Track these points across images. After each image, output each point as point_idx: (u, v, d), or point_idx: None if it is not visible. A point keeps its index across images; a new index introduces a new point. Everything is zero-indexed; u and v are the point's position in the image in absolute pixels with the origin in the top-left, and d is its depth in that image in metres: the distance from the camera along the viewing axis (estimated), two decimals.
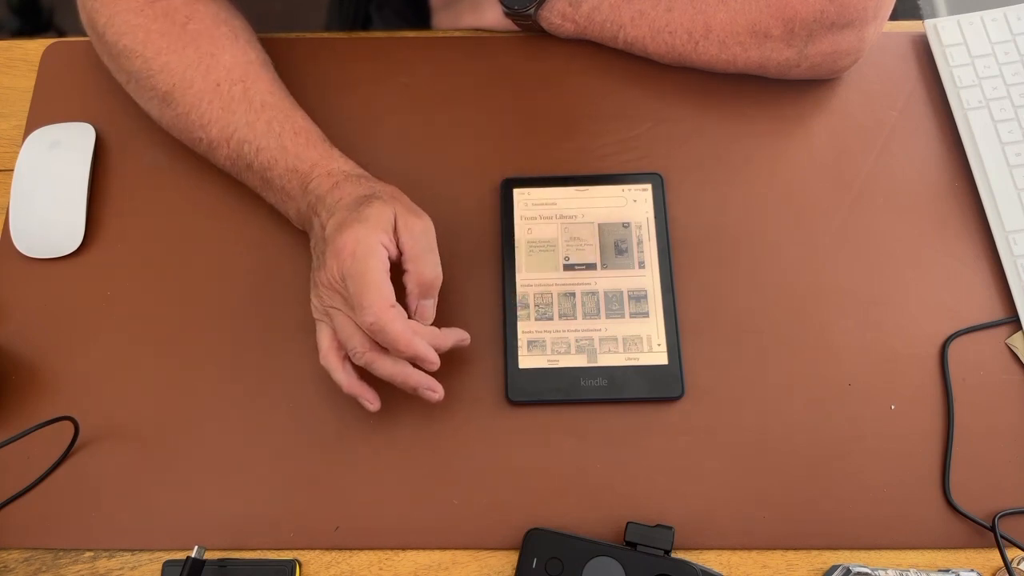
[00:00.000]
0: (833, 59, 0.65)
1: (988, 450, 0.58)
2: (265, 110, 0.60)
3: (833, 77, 0.68)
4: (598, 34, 0.69)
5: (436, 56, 0.71)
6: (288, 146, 0.59)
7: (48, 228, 0.65)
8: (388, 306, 0.52)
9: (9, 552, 0.57)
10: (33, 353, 0.62)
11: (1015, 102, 0.66)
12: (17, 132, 0.70)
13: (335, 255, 0.53)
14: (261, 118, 0.60)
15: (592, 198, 0.65)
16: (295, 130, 0.60)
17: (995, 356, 0.60)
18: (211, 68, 0.61)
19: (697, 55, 0.66)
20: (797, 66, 0.65)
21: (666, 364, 0.60)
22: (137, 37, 0.61)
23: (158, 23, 0.61)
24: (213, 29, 0.62)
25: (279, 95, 0.62)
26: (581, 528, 0.55)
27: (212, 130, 0.61)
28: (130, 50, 0.61)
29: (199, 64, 0.61)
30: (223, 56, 0.61)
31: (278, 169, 0.59)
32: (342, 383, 0.55)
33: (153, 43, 0.61)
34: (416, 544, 0.56)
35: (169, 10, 0.62)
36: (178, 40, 0.61)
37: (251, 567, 0.55)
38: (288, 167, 0.59)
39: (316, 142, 0.60)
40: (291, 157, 0.59)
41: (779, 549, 0.56)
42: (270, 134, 0.60)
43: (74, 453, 0.59)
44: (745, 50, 0.65)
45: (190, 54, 0.61)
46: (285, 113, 0.61)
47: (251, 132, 0.60)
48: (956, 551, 0.56)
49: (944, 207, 0.65)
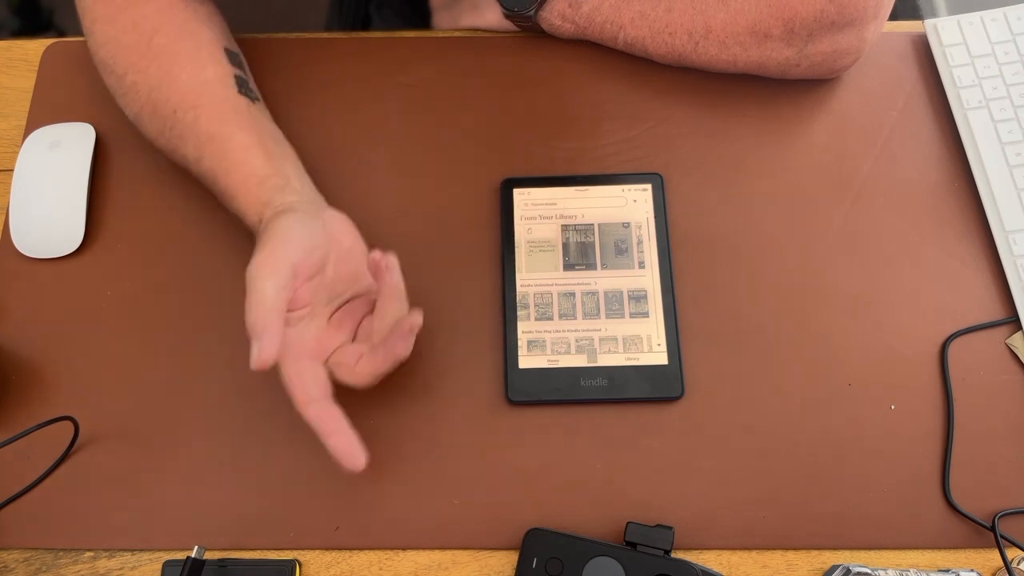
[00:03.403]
0: (833, 59, 0.65)
1: (988, 450, 0.58)
2: (209, 144, 0.58)
3: (833, 76, 0.68)
4: (598, 35, 0.69)
5: (436, 56, 0.71)
6: (222, 191, 0.58)
7: (48, 228, 0.65)
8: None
9: (9, 552, 0.57)
10: (33, 353, 0.62)
11: (1015, 102, 0.66)
12: (17, 132, 0.70)
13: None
14: (205, 154, 0.58)
15: (592, 198, 0.65)
16: (227, 170, 0.57)
17: (995, 356, 0.60)
18: (171, 92, 0.59)
19: (697, 55, 0.66)
20: (797, 66, 0.65)
21: (666, 364, 0.60)
22: (109, 51, 0.60)
23: (127, 35, 0.60)
24: (177, 42, 0.60)
25: (225, 121, 0.59)
26: (581, 528, 0.55)
27: (177, 155, 0.60)
28: (104, 64, 0.61)
29: (160, 86, 0.59)
30: (181, 76, 0.59)
31: (231, 210, 0.58)
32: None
33: (123, 59, 0.60)
34: (416, 544, 0.56)
35: (139, 20, 0.60)
36: (143, 58, 0.59)
37: (251, 567, 0.55)
38: (235, 210, 0.58)
39: (243, 181, 0.57)
40: (228, 200, 0.58)
41: (779, 549, 0.56)
42: (211, 175, 0.58)
43: (74, 453, 0.59)
44: (745, 50, 0.65)
45: (153, 74, 0.59)
46: (224, 149, 0.58)
47: (199, 168, 0.59)
48: (956, 551, 0.56)
49: (944, 207, 0.65)
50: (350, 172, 0.62)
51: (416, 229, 0.64)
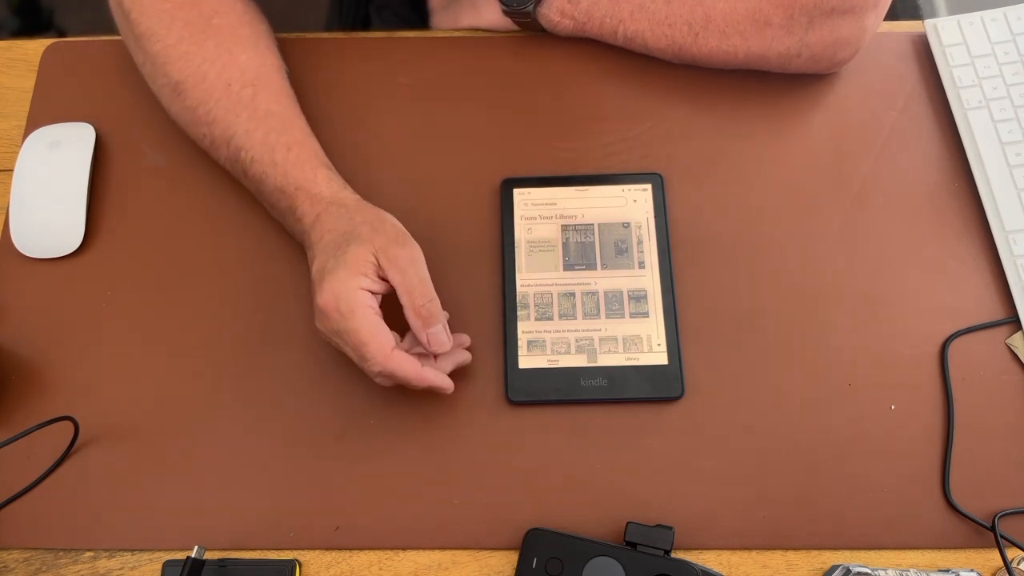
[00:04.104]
0: (833, 49, 0.65)
1: (988, 450, 0.58)
2: (267, 119, 0.60)
3: (833, 71, 0.68)
4: (597, 30, 0.68)
5: (436, 56, 0.71)
6: (279, 162, 0.59)
7: (48, 228, 0.65)
8: (389, 353, 0.52)
9: (9, 552, 0.57)
10: (33, 353, 0.62)
11: (1015, 102, 0.66)
12: (17, 132, 0.70)
13: (322, 314, 0.53)
14: (261, 128, 0.60)
15: (592, 198, 0.65)
16: (288, 145, 0.60)
17: (995, 356, 0.60)
18: (226, 66, 0.61)
19: (697, 47, 0.66)
20: (798, 56, 0.65)
21: (666, 364, 0.60)
22: (162, 21, 0.61)
23: (184, 11, 0.62)
24: (237, 28, 0.63)
25: (285, 104, 0.62)
26: (581, 528, 0.55)
27: (215, 128, 0.61)
28: (152, 32, 0.62)
29: (216, 59, 0.61)
30: (241, 56, 0.61)
31: (268, 185, 0.60)
32: (411, 377, 0.54)
33: (176, 30, 0.61)
34: (416, 544, 0.56)
35: (197, 1, 0.62)
36: (201, 32, 0.61)
37: (251, 567, 0.55)
38: (276, 186, 0.59)
39: (306, 160, 0.60)
40: (280, 175, 0.59)
41: (779, 549, 0.56)
42: (265, 146, 0.60)
43: (74, 453, 0.59)
44: (745, 40, 0.65)
45: (209, 48, 0.61)
46: (284, 125, 0.61)
47: (248, 141, 0.60)
48: (956, 551, 0.56)
49: (944, 207, 0.65)
50: (350, 172, 0.62)
51: (416, 229, 0.63)
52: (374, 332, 0.52)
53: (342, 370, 0.59)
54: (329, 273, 0.53)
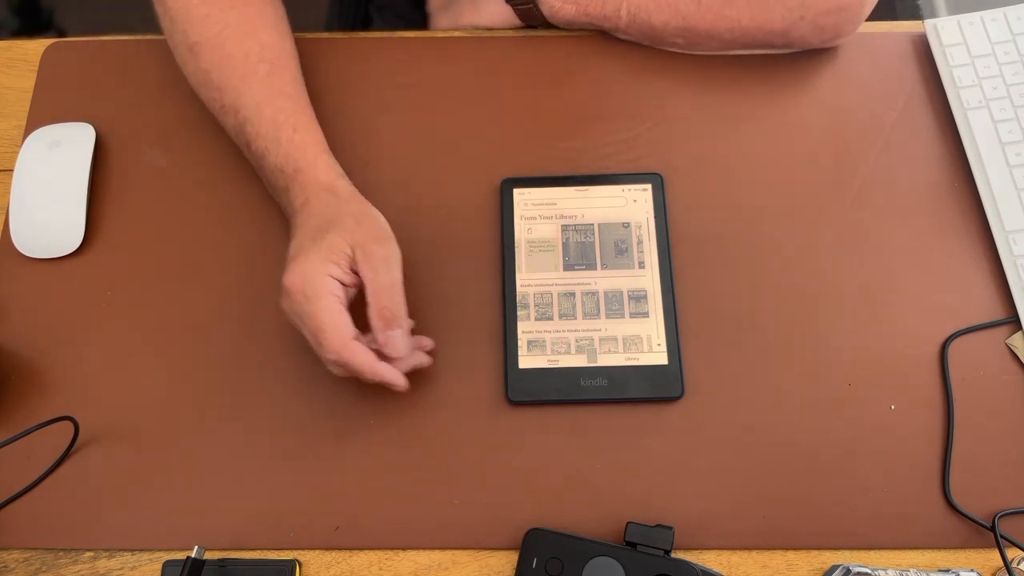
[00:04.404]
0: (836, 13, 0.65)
1: (988, 450, 0.58)
2: (278, 99, 0.61)
3: (835, 44, 0.68)
4: (599, 12, 0.68)
5: (436, 56, 0.71)
6: (283, 142, 0.60)
7: (48, 228, 0.65)
8: (346, 342, 0.52)
9: (9, 552, 0.57)
10: (33, 353, 0.62)
11: (1015, 102, 0.66)
12: (17, 132, 0.70)
13: (286, 294, 0.53)
14: (271, 106, 0.61)
15: (592, 198, 0.65)
16: (295, 126, 0.60)
17: (995, 356, 0.60)
18: (247, 37, 0.61)
19: (700, 15, 0.65)
20: (801, 19, 0.65)
21: (666, 364, 0.60)
22: None
23: None
24: (262, 6, 0.63)
25: (296, 88, 0.63)
26: (581, 528, 0.55)
27: (226, 96, 0.61)
28: None
29: (238, 29, 0.61)
30: (262, 32, 0.62)
31: (268, 162, 0.60)
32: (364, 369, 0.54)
33: None
34: (416, 544, 0.56)
35: None
36: (227, 1, 0.62)
37: (251, 567, 0.55)
38: (276, 165, 0.60)
39: (310, 144, 0.60)
40: (282, 155, 0.59)
41: (779, 549, 0.56)
42: (272, 124, 0.60)
43: (74, 453, 0.59)
44: (748, 2, 0.65)
45: (233, 17, 0.62)
46: (294, 107, 0.61)
47: (256, 115, 0.60)
48: (956, 551, 0.56)
49: (944, 207, 0.65)
50: (350, 172, 0.62)
51: (416, 229, 0.64)
52: (334, 319, 0.52)
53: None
54: (302, 255, 0.54)
